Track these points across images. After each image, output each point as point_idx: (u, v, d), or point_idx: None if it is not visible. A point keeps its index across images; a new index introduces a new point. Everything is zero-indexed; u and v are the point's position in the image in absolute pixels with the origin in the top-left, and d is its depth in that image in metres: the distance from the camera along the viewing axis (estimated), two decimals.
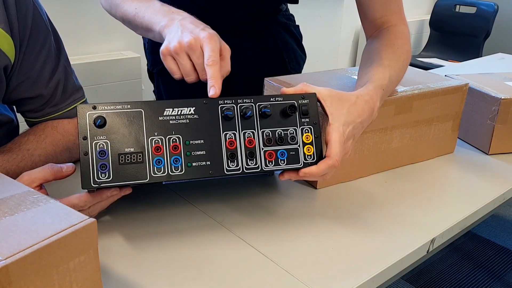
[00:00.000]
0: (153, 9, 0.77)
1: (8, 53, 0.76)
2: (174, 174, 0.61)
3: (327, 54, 3.17)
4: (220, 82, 0.65)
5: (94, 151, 0.59)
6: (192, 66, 0.68)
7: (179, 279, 0.59)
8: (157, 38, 0.77)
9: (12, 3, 0.75)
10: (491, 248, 2.02)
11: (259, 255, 0.64)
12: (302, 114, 0.67)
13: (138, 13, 0.79)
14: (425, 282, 1.78)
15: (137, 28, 0.82)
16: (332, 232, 0.70)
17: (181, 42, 0.67)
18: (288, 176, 0.67)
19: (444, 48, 3.41)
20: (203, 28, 0.69)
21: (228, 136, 0.64)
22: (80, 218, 0.42)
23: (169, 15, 0.74)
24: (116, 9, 0.86)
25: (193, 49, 0.66)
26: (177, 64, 0.68)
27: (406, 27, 0.89)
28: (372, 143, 0.85)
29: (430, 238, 0.70)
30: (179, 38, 0.67)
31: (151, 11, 0.77)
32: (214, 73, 0.65)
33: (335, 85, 0.88)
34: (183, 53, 0.67)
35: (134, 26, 0.83)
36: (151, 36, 0.79)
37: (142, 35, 0.84)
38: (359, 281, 0.60)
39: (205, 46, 0.66)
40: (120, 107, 0.61)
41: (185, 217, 0.72)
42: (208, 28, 0.70)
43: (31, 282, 0.38)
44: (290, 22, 1.19)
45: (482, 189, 0.86)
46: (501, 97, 0.96)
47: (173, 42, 0.68)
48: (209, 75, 0.65)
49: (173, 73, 0.69)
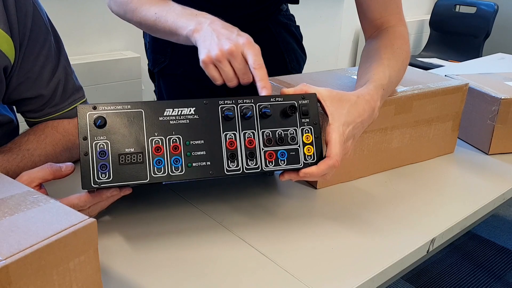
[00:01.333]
0: (176, 13, 0.78)
1: (8, 53, 0.76)
2: (174, 175, 0.61)
3: (327, 54, 3.17)
4: (269, 82, 0.69)
5: (94, 151, 0.59)
6: (234, 71, 0.70)
7: (179, 279, 0.59)
8: (181, 41, 0.78)
9: (12, 3, 0.75)
10: (491, 248, 2.02)
11: (259, 255, 0.64)
12: (302, 115, 0.67)
13: (160, 18, 0.79)
14: (425, 282, 1.78)
15: (158, 32, 0.82)
16: (332, 232, 0.70)
17: (222, 50, 0.68)
18: (288, 176, 0.67)
19: (444, 48, 3.41)
20: (238, 33, 0.71)
21: (228, 136, 0.64)
22: (80, 218, 0.42)
23: (195, 18, 0.75)
24: (133, 14, 0.85)
25: (234, 56, 0.68)
26: (219, 71, 0.70)
27: (405, 28, 0.89)
28: (372, 143, 0.85)
29: (430, 238, 0.70)
30: (219, 46, 0.69)
31: (174, 15, 0.77)
32: (263, 75, 0.68)
33: (335, 85, 0.88)
34: (225, 61, 0.69)
35: (155, 31, 0.82)
36: (174, 39, 0.80)
37: (163, 38, 0.84)
38: (359, 281, 0.60)
39: (247, 52, 0.69)
40: (120, 107, 0.61)
41: (185, 217, 0.72)
42: (240, 32, 0.72)
43: (31, 282, 0.38)
44: (291, 22, 1.19)
45: (482, 189, 0.86)
46: (501, 97, 0.96)
47: (214, 50, 0.69)
48: (258, 77, 0.69)
49: (215, 79, 0.71)
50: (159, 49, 1.14)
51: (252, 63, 0.69)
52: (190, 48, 1.13)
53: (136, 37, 0.91)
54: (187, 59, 1.13)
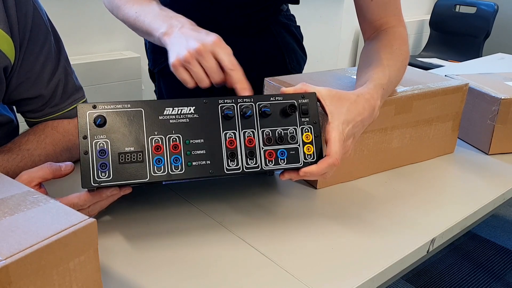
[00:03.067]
0: (153, 14, 0.78)
1: (8, 53, 0.75)
2: (174, 173, 0.61)
3: (327, 54, 3.17)
4: (247, 82, 0.67)
5: (94, 150, 0.59)
6: (204, 71, 0.68)
7: (179, 279, 0.59)
8: (156, 42, 0.78)
9: (12, 3, 0.75)
10: (491, 248, 2.02)
11: (259, 255, 0.64)
12: (302, 114, 0.67)
13: (139, 17, 0.80)
14: (425, 282, 1.78)
15: (138, 31, 0.83)
16: (332, 232, 0.70)
17: (190, 50, 0.68)
18: (288, 175, 0.67)
19: (444, 48, 3.41)
20: (206, 33, 0.70)
21: (228, 135, 0.64)
22: (80, 218, 0.42)
23: (168, 21, 0.75)
24: (118, 11, 0.87)
25: (203, 55, 0.67)
26: (189, 73, 0.69)
27: (404, 29, 0.89)
28: (372, 143, 0.85)
29: (430, 238, 0.70)
30: (187, 47, 0.68)
31: (151, 16, 0.78)
32: (239, 77, 0.67)
33: (335, 85, 0.88)
34: (194, 61, 0.68)
35: (135, 29, 0.84)
36: (151, 40, 0.80)
37: (143, 37, 0.85)
38: (359, 281, 0.60)
39: (218, 51, 0.67)
40: (120, 106, 0.61)
41: (185, 217, 0.72)
42: (209, 32, 0.71)
43: (31, 282, 0.38)
44: (291, 22, 1.19)
45: (482, 189, 0.86)
46: (501, 97, 0.96)
47: (182, 52, 0.68)
48: (235, 79, 0.67)
49: (187, 82, 0.70)
50: (160, 49, 1.13)
51: (226, 64, 0.67)
52: None
53: (136, 37, 0.91)
54: None
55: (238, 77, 0.67)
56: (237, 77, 0.67)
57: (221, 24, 1.11)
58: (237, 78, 0.67)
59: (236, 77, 0.67)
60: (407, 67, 0.89)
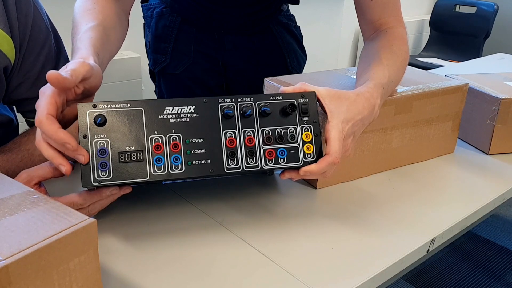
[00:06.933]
0: (73, 48, 0.70)
1: (8, 53, 0.75)
2: (174, 173, 0.61)
3: (327, 54, 3.17)
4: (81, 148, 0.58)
5: (94, 150, 0.59)
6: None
7: (179, 279, 0.59)
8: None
9: (12, 3, 0.75)
10: (491, 248, 2.02)
11: (258, 255, 0.64)
12: (301, 113, 0.67)
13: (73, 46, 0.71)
14: (425, 282, 1.78)
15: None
16: (332, 232, 0.70)
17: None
18: (288, 175, 0.67)
19: (444, 48, 3.42)
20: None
21: (228, 134, 0.64)
22: (80, 218, 0.42)
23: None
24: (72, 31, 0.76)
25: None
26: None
27: (404, 29, 0.89)
28: (372, 143, 0.85)
29: (430, 238, 0.70)
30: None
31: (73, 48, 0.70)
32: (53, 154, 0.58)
33: (335, 85, 0.88)
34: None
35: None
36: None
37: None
38: (359, 281, 0.60)
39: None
40: (120, 106, 0.61)
41: (185, 217, 0.72)
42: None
43: (31, 282, 0.38)
44: (291, 22, 1.20)
45: (482, 189, 0.86)
46: (501, 97, 0.96)
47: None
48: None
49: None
50: (160, 49, 1.14)
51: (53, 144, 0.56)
52: (191, 48, 1.14)
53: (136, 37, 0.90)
54: (187, 58, 1.13)
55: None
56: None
57: (221, 24, 1.11)
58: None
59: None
60: (407, 67, 0.89)
